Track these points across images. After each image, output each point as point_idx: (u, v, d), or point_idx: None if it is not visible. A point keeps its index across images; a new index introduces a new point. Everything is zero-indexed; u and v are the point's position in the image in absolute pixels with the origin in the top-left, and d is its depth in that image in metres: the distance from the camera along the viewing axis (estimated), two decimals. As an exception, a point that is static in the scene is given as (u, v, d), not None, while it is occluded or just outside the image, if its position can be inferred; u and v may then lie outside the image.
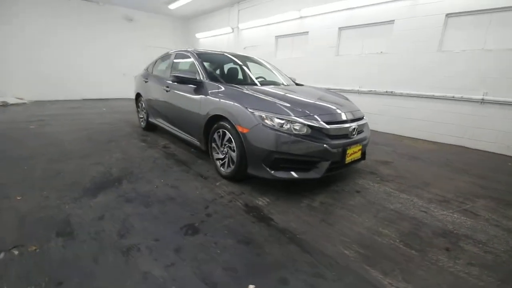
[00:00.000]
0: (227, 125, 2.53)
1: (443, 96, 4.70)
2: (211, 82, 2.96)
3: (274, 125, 2.23)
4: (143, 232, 1.78)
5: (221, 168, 2.74)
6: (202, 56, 3.39)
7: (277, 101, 2.42)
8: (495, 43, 4.14)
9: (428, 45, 4.80)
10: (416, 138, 5.04)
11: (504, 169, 3.50)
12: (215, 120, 2.73)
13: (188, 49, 3.61)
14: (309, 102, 2.59)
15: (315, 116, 2.34)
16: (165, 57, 4.25)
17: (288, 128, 2.23)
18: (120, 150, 3.59)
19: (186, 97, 3.18)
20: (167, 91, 3.64)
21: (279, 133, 2.20)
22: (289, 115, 2.27)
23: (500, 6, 4.03)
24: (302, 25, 6.88)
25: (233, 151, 2.53)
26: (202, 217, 1.99)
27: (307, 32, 6.80)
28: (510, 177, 3.19)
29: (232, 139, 2.48)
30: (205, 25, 10.50)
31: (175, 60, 3.83)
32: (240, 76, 3.60)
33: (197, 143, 3.15)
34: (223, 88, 2.76)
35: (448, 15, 4.54)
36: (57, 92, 8.90)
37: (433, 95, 4.82)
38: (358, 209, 2.24)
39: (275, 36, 7.72)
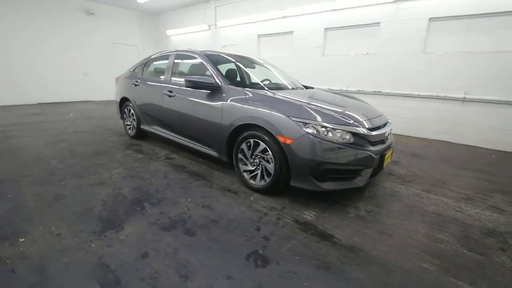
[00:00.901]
0: (261, 134, 2.33)
1: (428, 96, 5.05)
2: (232, 87, 2.71)
3: (320, 134, 2.11)
4: (206, 268, 1.52)
5: (251, 181, 2.53)
6: (212, 58, 3.09)
7: (315, 107, 2.29)
8: (474, 46, 4.55)
9: (413, 47, 5.10)
10: (406, 135, 5.35)
11: (495, 163, 3.86)
12: (243, 129, 2.50)
13: (194, 50, 3.27)
14: (343, 108, 2.50)
15: (357, 123, 2.27)
16: (159, 57, 3.82)
17: (334, 137, 2.12)
18: (118, 164, 3.13)
19: (200, 104, 2.87)
20: (169, 96, 3.26)
21: (327, 142, 2.09)
22: (334, 123, 2.16)
23: (477, 13, 4.42)
24: (286, 25, 6.83)
25: (269, 162, 2.34)
26: (260, 242, 1.79)
27: (292, 31, 6.77)
28: (505, 171, 3.52)
29: (269, 150, 2.29)
30: (177, 22, 9.87)
31: (176, 61, 3.45)
32: (252, 79, 3.39)
33: (215, 154, 2.88)
34: (250, 94, 2.54)
35: (431, 19, 4.87)
36: (6, 96, 7.58)
37: (419, 95, 5.16)
38: (404, 215, 2.24)
39: (258, 35, 7.56)
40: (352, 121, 2.26)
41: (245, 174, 2.59)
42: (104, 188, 2.50)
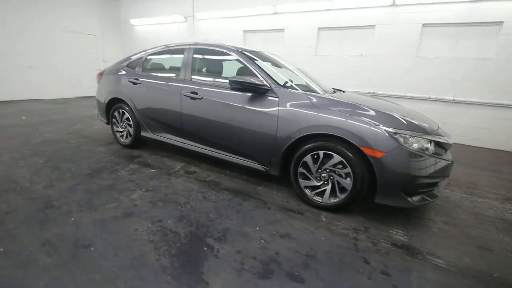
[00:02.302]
0: (335, 146, 2.02)
1: (421, 97, 5.34)
2: (289, 90, 2.33)
3: (411, 145, 1.90)
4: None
5: (316, 198, 2.20)
6: (250, 55, 2.64)
7: (396, 115, 2.07)
8: (462, 52, 4.92)
9: (407, 51, 5.32)
10: (402, 135, 5.58)
11: (496, 161, 4.22)
12: (305, 140, 2.16)
13: (225, 45, 2.76)
14: (410, 114, 2.31)
15: (438, 131, 2.13)
16: (167, 51, 3.17)
17: (422, 147, 1.94)
18: (131, 184, 2.47)
19: (244, 110, 2.40)
20: (192, 98, 2.70)
21: (419, 153, 1.89)
22: (420, 132, 1.98)
23: (465, 22, 4.79)
24: (277, 22, 6.54)
25: (343, 177, 2.05)
26: (384, 280, 1.49)
27: (283, 29, 6.53)
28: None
29: (347, 164, 2.00)
30: (144, 10, 8.76)
31: (196, 57, 2.88)
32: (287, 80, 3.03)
33: (259, 167, 2.46)
34: (314, 99, 2.20)
35: (424, 25, 5.12)
36: None
37: (412, 96, 5.42)
38: (477, 224, 2.18)
39: (244, 31, 7.12)
40: (434, 130, 2.11)
41: (306, 190, 2.25)
42: (137, 222, 1.90)
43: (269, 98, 2.33)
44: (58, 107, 6.52)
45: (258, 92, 2.35)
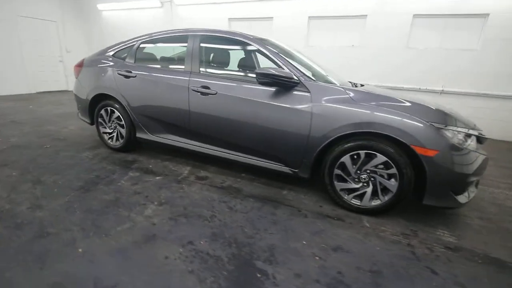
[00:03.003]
0: (378, 144, 1.85)
1: (411, 88, 5.44)
2: (322, 84, 2.09)
3: (460, 142, 1.80)
4: None
5: (355, 201, 2.04)
6: (270, 44, 2.35)
7: (443, 109, 1.94)
8: (451, 43, 5.06)
9: (398, 41, 5.34)
10: (394, 126, 5.68)
11: (486, 149, 4.41)
12: (341, 139, 1.96)
13: (240, 32, 2.40)
14: (448, 109, 2.22)
15: (475, 126, 2.05)
16: (165, 39, 2.74)
17: (468, 143, 1.85)
18: (140, 198, 2.10)
19: (269, 107, 2.13)
20: (204, 94, 2.35)
21: (469, 150, 1.80)
22: (467, 127, 1.88)
23: (454, 13, 4.90)
24: (265, 9, 6.21)
25: (385, 177, 1.91)
26: (462, 292, 1.37)
27: (272, 17, 6.23)
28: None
29: (392, 164, 1.84)
30: (112, -7, 7.85)
31: (203, 46, 2.50)
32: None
33: (286, 169, 2.23)
34: (352, 93, 1.99)
35: (415, 16, 5.16)
36: None
37: (402, 87, 5.50)
38: (510, 217, 2.19)
39: (229, 19, 6.68)
40: (471, 123, 2.03)
41: (341, 193, 2.07)
42: (164, 246, 1.57)
43: (298, 93, 2.08)
44: (18, 105, 5.61)
45: (287, 87, 2.09)
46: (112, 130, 3.06)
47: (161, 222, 1.80)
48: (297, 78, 2.08)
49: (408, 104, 1.92)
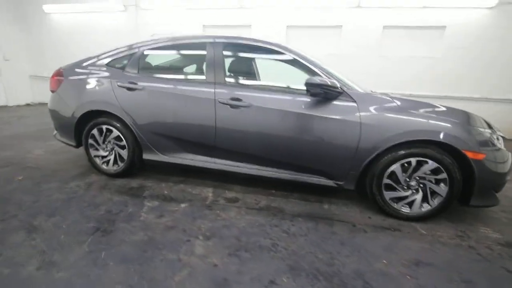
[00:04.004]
0: (429, 151, 1.87)
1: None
2: (366, 93, 2.07)
3: (499, 143, 1.93)
4: None
5: (404, 209, 2.03)
6: (301, 52, 2.23)
7: (478, 115, 2.07)
8: (416, 52, 5.62)
9: (370, 50, 5.75)
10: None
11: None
12: (391, 148, 1.95)
13: (270, 41, 2.22)
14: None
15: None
16: (177, 46, 2.41)
17: (500, 143, 2.00)
18: (179, 233, 1.76)
19: (315, 119, 2.01)
20: (235, 107, 2.12)
21: (504, 150, 1.94)
22: (497, 129, 2.04)
23: (418, 25, 5.47)
24: (243, 17, 6.11)
25: (433, 183, 1.94)
26: (550, 290, 1.42)
27: (250, 25, 6.15)
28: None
29: (443, 169, 1.88)
30: (62, -6, 6.86)
31: (227, 54, 2.26)
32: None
33: (330, 183, 2.14)
34: (398, 102, 1.99)
35: (385, 27, 5.63)
36: None
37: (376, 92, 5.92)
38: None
39: (203, 25, 6.39)
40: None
41: (390, 202, 2.05)
42: (245, 291, 1.31)
43: (343, 103, 2.01)
44: None
45: (330, 97, 2.00)
46: (107, 153, 2.57)
47: (223, 262, 1.52)
48: (340, 88, 2.01)
49: (447, 109, 2.01)
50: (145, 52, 2.46)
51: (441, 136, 1.84)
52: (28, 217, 1.88)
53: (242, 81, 2.31)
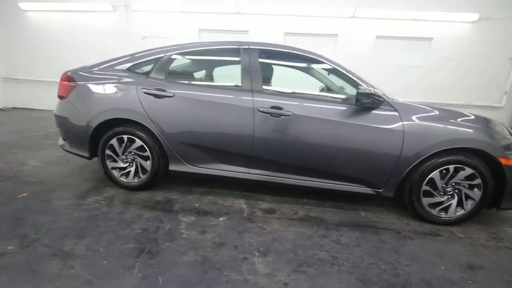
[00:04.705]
0: (468, 159, 1.96)
1: (378, 99, 6.15)
2: (405, 103, 2.14)
3: None
4: None
5: (441, 214, 2.10)
6: (336, 61, 2.25)
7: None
8: (406, 61, 5.96)
9: (364, 59, 5.99)
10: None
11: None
12: (432, 156, 2.01)
13: (308, 50, 2.24)
14: None
15: None
16: (207, 52, 2.31)
17: None
18: (230, 250, 1.66)
19: (358, 128, 2.03)
20: (276, 115, 2.06)
21: None
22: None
23: (408, 36, 5.81)
24: (240, 22, 6.07)
25: (466, 188, 2.04)
26: None
27: (247, 31, 6.12)
28: None
29: (478, 175, 1.97)
30: (41, -10, 6.33)
31: (264, 62, 2.20)
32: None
33: (368, 191, 2.16)
34: (436, 111, 2.08)
35: (377, 37, 5.90)
36: None
37: (370, 99, 6.17)
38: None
39: (199, 29, 6.25)
40: None
41: (428, 208, 2.11)
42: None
43: (384, 112, 2.05)
44: None
45: (374, 106, 2.03)
46: (127, 164, 2.38)
47: (291, 279, 1.45)
48: (381, 97, 2.05)
49: (475, 117, 2.12)
50: (173, 57, 2.32)
51: (479, 144, 1.94)
52: (54, 241, 1.66)
53: (280, 89, 2.27)
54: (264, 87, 2.19)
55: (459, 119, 2.05)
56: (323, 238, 1.87)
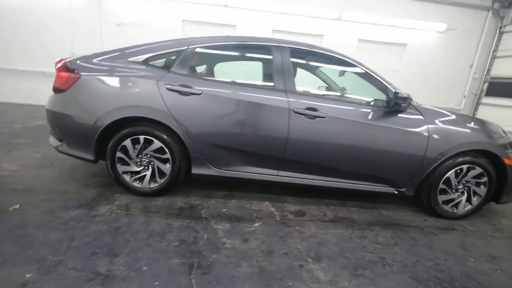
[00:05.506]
0: (478, 160, 2.17)
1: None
2: (426, 107, 2.25)
3: None
4: None
5: (453, 209, 2.30)
6: (367, 65, 2.29)
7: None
8: (385, 64, 6.37)
9: (347, 60, 6.26)
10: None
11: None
12: (450, 157, 2.18)
13: (343, 54, 2.24)
14: None
15: None
16: (236, 47, 2.16)
17: None
18: (284, 258, 1.60)
19: (388, 130, 2.11)
20: (311, 117, 2.03)
21: None
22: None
23: (385, 41, 6.22)
24: (227, 16, 5.86)
25: (477, 185, 2.27)
26: None
27: (235, 25, 5.95)
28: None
29: (485, 174, 2.20)
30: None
31: (296, 62, 2.13)
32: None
33: (391, 190, 2.26)
34: (453, 116, 2.24)
35: (359, 40, 6.20)
36: None
37: (352, 99, 6.49)
38: None
39: (183, 20, 5.87)
40: None
41: (443, 205, 2.29)
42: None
43: (411, 116, 2.16)
44: None
45: (403, 110, 2.12)
46: (141, 168, 2.13)
47: (355, 285, 1.45)
48: (413, 101, 2.15)
49: (483, 121, 2.36)
50: (197, 50, 2.12)
51: (489, 146, 2.16)
52: (81, 262, 1.41)
53: (313, 90, 2.23)
54: (297, 87, 2.14)
55: (472, 123, 2.26)
56: (362, 239, 1.91)
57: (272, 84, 2.12)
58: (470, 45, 6.22)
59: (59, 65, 2.09)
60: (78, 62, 2.08)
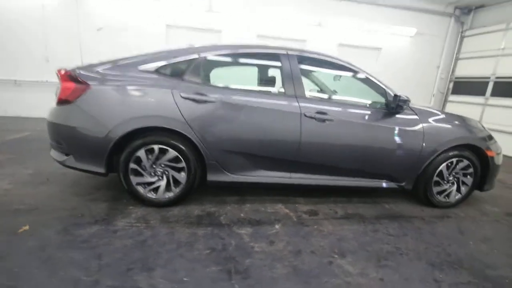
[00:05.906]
0: (467, 153, 2.43)
1: (340, 100, 6.82)
2: (419, 107, 2.48)
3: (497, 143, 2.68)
4: None
5: (445, 199, 2.55)
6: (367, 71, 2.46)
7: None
8: (362, 66, 6.73)
9: (329, 63, 6.56)
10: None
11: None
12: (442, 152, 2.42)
13: (338, 57, 2.38)
14: None
15: None
16: (248, 55, 2.24)
17: None
18: (311, 256, 1.69)
19: (388, 130, 2.29)
20: (321, 120, 2.14)
21: (500, 149, 2.71)
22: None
23: (363, 45, 6.60)
24: (212, 21, 5.85)
25: (464, 176, 2.53)
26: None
27: (220, 30, 5.95)
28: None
29: (471, 165, 2.47)
30: None
31: (303, 68, 2.24)
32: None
33: (392, 185, 2.46)
34: (443, 115, 2.50)
35: (339, 45, 6.52)
36: None
37: (334, 100, 6.80)
38: None
39: (166, 25, 5.76)
40: None
41: (437, 195, 2.53)
42: (430, 295, 1.42)
43: (407, 116, 2.36)
44: None
45: (401, 111, 2.31)
46: (156, 178, 2.10)
47: (381, 275, 1.57)
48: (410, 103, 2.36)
49: (466, 118, 2.64)
50: (209, 58, 2.14)
51: (475, 141, 2.43)
52: (118, 279, 1.38)
53: (321, 95, 2.35)
54: (306, 92, 2.25)
55: (458, 121, 2.52)
56: (376, 232, 2.06)
57: (282, 90, 2.21)
58: (436, 48, 6.83)
59: (62, 74, 2.00)
60: (84, 72, 2.01)
